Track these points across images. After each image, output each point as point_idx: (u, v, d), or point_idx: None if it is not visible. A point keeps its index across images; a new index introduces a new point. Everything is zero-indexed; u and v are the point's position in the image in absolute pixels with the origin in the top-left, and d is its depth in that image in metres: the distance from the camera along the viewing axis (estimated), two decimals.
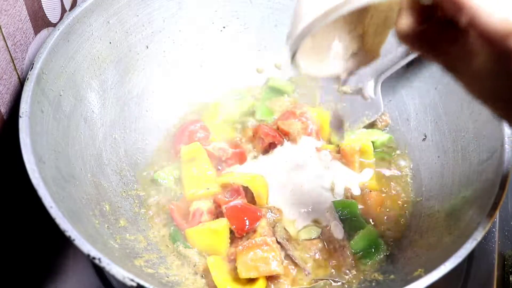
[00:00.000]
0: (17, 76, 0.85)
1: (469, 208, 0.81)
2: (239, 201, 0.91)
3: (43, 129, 0.79)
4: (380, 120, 1.06)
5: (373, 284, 0.84)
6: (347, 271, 0.88)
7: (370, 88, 1.03)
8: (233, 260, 0.86)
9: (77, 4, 0.96)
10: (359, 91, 1.05)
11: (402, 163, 1.02)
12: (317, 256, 0.89)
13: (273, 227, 0.90)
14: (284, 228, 0.90)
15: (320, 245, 0.90)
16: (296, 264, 0.87)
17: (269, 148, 1.01)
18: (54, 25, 0.91)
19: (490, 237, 0.95)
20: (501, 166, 0.78)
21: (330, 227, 0.91)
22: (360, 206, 0.95)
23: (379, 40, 0.71)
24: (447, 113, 0.96)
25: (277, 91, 1.11)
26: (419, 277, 0.70)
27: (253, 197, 0.93)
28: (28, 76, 0.79)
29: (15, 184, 0.86)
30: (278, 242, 0.88)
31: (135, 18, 0.98)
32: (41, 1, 0.86)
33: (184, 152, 0.97)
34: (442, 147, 0.96)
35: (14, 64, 0.83)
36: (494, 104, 0.53)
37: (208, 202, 0.93)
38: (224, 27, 1.09)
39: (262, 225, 0.88)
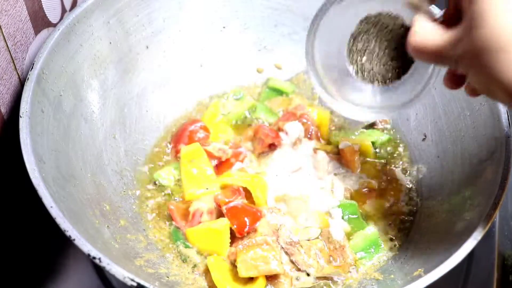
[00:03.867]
0: (17, 76, 0.85)
1: (469, 208, 0.81)
2: (239, 201, 0.91)
3: (43, 129, 0.79)
4: (380, 120, 1.06)
5: (373, 284, 0.84)
6: (347, 271, 0.87)
7: None
8: (233, 260, 0.86)
9: (77, 4, 0.96)
10: None
11: (402, 163, 1.02)
12: (317, 256, 0.89)
13: (277, 230, 0.90)
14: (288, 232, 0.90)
15: (320, 245, 0.90)
16: (300, 270, 0.87)
17: (269, 148, 1.01)
18: (54, 25, 0.91)
19: (490, 237, 0.95)
20: (501, 166, 0.78)
21: (330, 227, 0.91)
22: (359, 207, 0.95)
23: None
24: (447, 113, 0.96)
25: (277, 91, 1.11)
26: (419, 277, 0.71)
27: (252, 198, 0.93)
28: (28, 76, 0.80)
29: (15, 184, 0.86)
30: (282, 248, 0.88)
31: (135, 18, 0.98)
32: (41, 1, 0.86)
33: (184, 152, 0.97)
34: (442, 147, 0.96)
35: (14, 64, 0.84)
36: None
37: (208, 202, 0.92)
38: (224, 27, 1.09)
39: (263, 225, 0.88)
